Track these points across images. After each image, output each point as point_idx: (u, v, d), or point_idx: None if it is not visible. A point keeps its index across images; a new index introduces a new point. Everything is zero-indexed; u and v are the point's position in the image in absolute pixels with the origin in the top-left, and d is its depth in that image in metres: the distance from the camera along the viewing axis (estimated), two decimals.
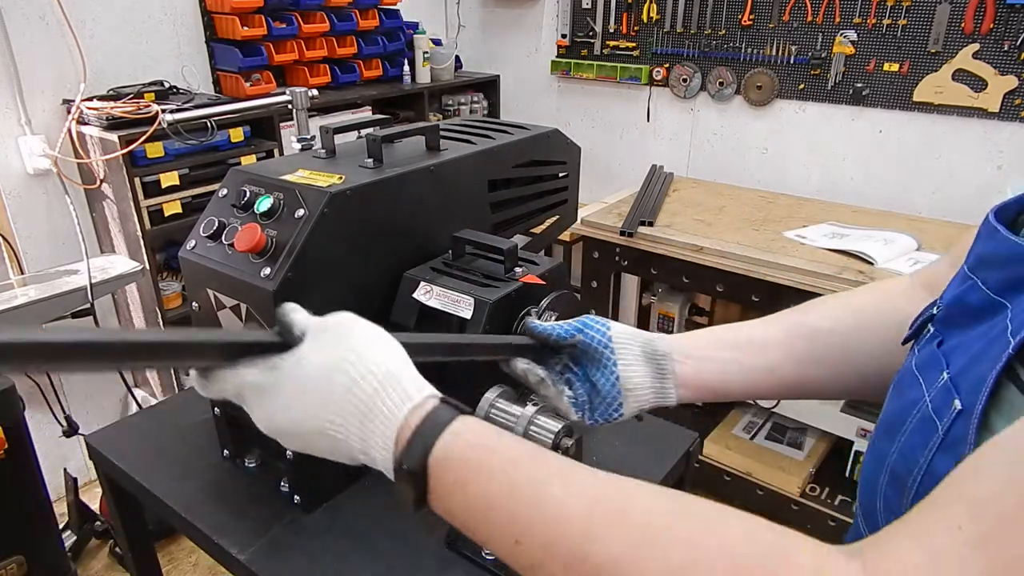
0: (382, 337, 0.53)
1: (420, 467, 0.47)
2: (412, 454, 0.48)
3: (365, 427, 0.49)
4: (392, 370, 0.50)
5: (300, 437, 0.52)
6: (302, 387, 0.50)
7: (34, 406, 2.22)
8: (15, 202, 2.19)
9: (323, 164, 0.98)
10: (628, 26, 2.94)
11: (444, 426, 0.48)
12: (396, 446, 0.48)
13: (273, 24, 2.43)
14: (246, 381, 0.51)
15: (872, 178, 2.57)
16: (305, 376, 0.50)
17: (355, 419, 0.49)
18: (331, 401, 0.49)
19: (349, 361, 0.50)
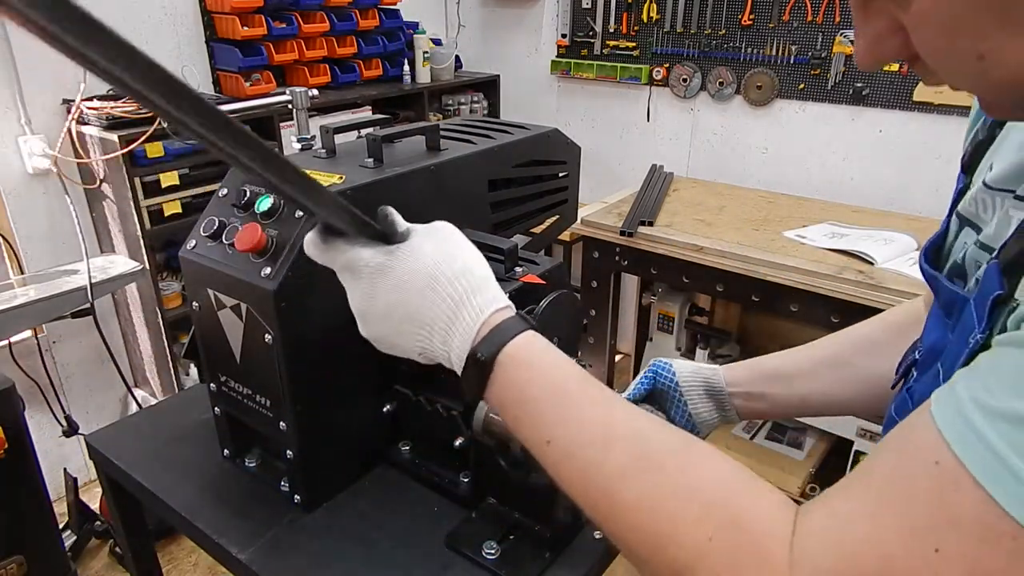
0: (476, 249, 0.61)
1: (491, 359, 0.55)
2: (488, 347, 0.55)
3: (455, 316, 0.56)
4: (486, 275, 0.58)
5: (390, 321, 0.59)
6: (412, 273, 0.57)
7: (34, 406, 2.22)
8: (15, 202, 2.19)
9: (323, 164, 0.98)
10: (628, 26, 2.94)
11: (519, 332, 0.56)
12: (476, 337, 0.56)
13: (273, 24, 2.43)
14: (362, 257, 0.59)
15: (872, 178, 2.57)
16: (418, 263, 0.57)
17: (448, 309, 0.56)
18: (433, 288, 0.56)
19: (455, 258, 0.58)
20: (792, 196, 2.62)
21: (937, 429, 0.37)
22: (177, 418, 1.17)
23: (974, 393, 0.36)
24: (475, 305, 0.56)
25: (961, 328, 0.47)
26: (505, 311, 0.57)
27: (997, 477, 0.33)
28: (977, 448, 0.34)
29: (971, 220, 0.53)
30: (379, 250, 0.59)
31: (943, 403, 0.38)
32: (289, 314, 0.84)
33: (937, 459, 0.36)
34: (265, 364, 0.88)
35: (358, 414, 0.99)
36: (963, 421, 0.36)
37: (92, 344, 2.39)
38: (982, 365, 0.37)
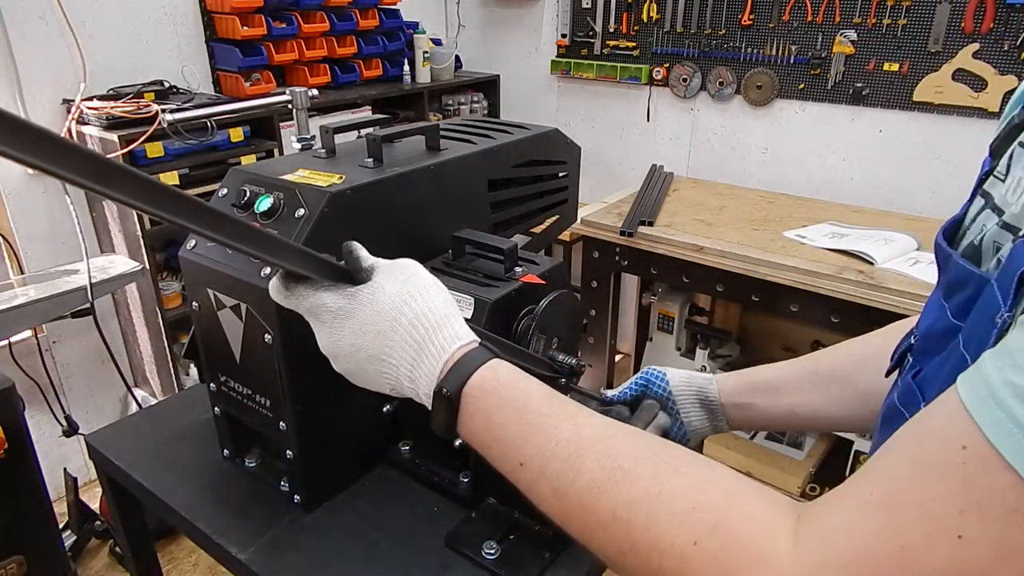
0: (439, 285, 0.62)
1: (456, 393, 0.56)
2: (452, 381, 0.56)
3: (419, 355, 0.58)
4: (448, 312, 0.59)
5: (356, 361, 0.61)
6: (375, 316, 0.58)
7: (34, 406, 2.22)
8: (15, 202, 2.19)
9: (323, 164, 0.98)
10: (628, 26, 2.94)
11: (482, 363, 0.57)
12: (440, 375, 0.57)
13: (273, 24, 2.43)
14: (325, 303, 0.60)
15: (872, 178, 2.57)
16: (379, 306, 0.58)
17: (411, 348, 0.58)
18: (395, 330, 0.58)
19: (415, 299, 0.58)
20: (792, 196, 2.62)
21: (967, 413, 0.36)
22: (177, 418, 1.17)
23: (1005, 374, 0.35)
24: (437, 344, 0.58)
25: (982, 309, 0.45)
26: (468, 345, 0.58)
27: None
28: (1010, 429, 0.34)
29: (996, 202, 0.52)
30: (341, 293, 0.60)
31: (972, 385, 0.37)
32: (289, 314, 0.83)
33: (965, 443, 0.35)
34: (265, 364, 0.88)
35: (358, 414, 0.99)
36: (995, 403, 0.35)
37: (92, 344, 2.39)
38: (1011, 344, 0.36)
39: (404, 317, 0.58)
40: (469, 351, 0.58)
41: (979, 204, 0.53)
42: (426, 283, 0.61)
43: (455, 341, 0.58)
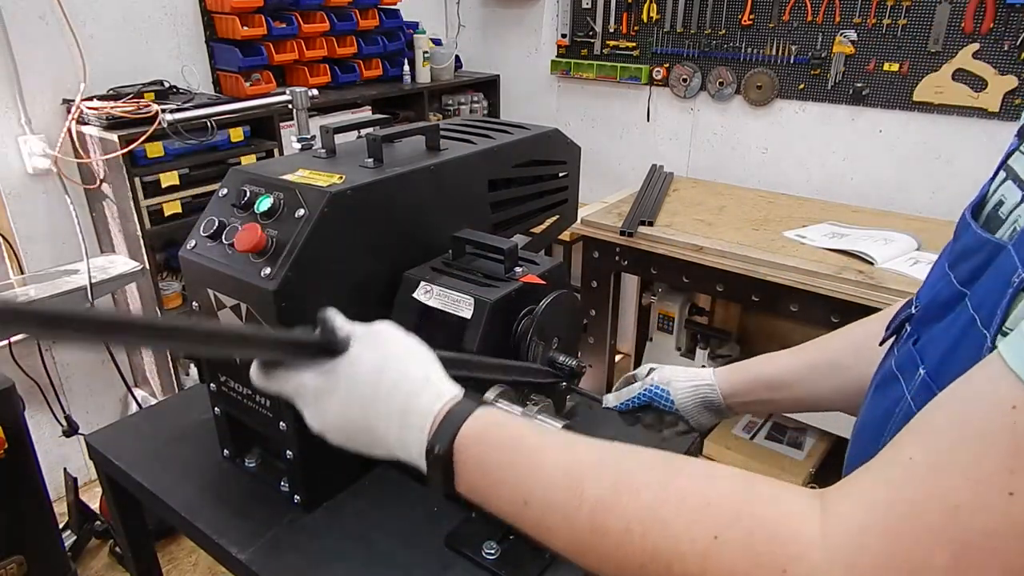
0: (417, 344, 0.62)
1: (447, 449, 0.55)
2: (441, 439, 0.56)
3: (405, 421, 0.58)
4: (427, 373, 0.59)
5: (346, 433, 0.61)
6: (354, 389, 0.58)
7: (34, 406, 2.22)
8: (15, 202, 2.19)
9: (323, 164, 0.98)
10: (628, 26, 2.94)
11: (468, 414, 0.56)
12: (429, 435, 0.56)
13: (273, 24, 2.43)
14: (304, 384, 0.60)
15: (872, 178, 2.57)
16: (357, 379, 0.58)
17: (397, 415, 0.58)
18: (378, 400, 0.58)
19: (392, 367, 0.58)
20: (792, 196, 2.62)
21: (1014, 374, 0.36)
22: (177, 418, 1.17)
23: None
24: (421, 408, 0.57)
25: (996, 272, 0.46)
26: (452, 401, 0.58)
27: None
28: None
29: (1020, 176, 0.52)
30: (320, 371, 0.59)
31: (1015, 348, 0.37)
32: (289, 314, 0.84)
33: (1015, 404, 0.36)
34: None
35: None
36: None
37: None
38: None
39: (384, 387, 0.58)
40: (453, 407, 0.57)
41: (1001, 178, 0.54)
42: (402, 347, 0.61)
43: (437, 401, 0.57)
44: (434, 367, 0.60)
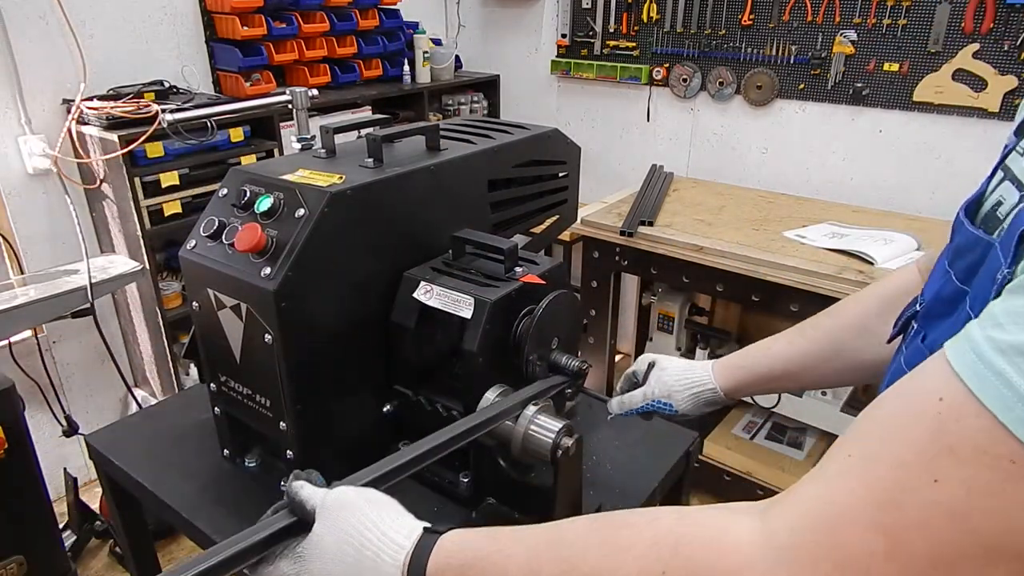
0: (372, 502, 0.63)
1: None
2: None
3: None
4: (384, 531, 0.60)
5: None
6: (324, 566, 0.61)
7: (34, 406, 2.22)
8: (15, 202, 2.19)
9: (323, 164, 0.98)
10: (628, 26, 2.93)
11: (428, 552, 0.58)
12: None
13: (273, 24, 2.43)
14: (283, 572, 0.62)
15: (872, 178, 2.57)
16: (324, 556, 0.61)
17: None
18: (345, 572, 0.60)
19: (351, 536, 0.60)
20: (792, 196, 2.62)
21: (950, 367, 0.38)
22: (177, 418, 1.17)
23: (987, 332, 0.37)
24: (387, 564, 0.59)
25: (986, 270, 0.47)
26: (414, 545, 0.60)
27: (1007, 402, 0.35)
28: (987, 377, 0.36)
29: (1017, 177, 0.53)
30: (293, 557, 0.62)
31: (957, 345, 0.39)
32: (289, 314, 0.84)
33: (942, 395, 0.38)
34: (265, 364, 0.88)
35: (358, 414, 0.99)
36: (976, 356, 0.37)
37: (92, 344, 2.38)
38: (995, 310, 0.39)
39: (348, 557, 0.60)
40: (415, 550, 0.59)
41: (999, 178, 0.55)
42: (358, 511, 0.62)
43: (400, 553, 0.59)
44: (389, 520, 0.61)
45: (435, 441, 0.74)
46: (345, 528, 0.61)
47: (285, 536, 0.63)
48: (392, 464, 0.71)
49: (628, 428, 1.15)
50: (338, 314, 0.91)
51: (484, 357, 0.88)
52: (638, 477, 1.04)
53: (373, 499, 0.64)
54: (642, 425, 1.16)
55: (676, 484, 1.11)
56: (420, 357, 0.98)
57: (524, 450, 0.82)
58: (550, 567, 0.52)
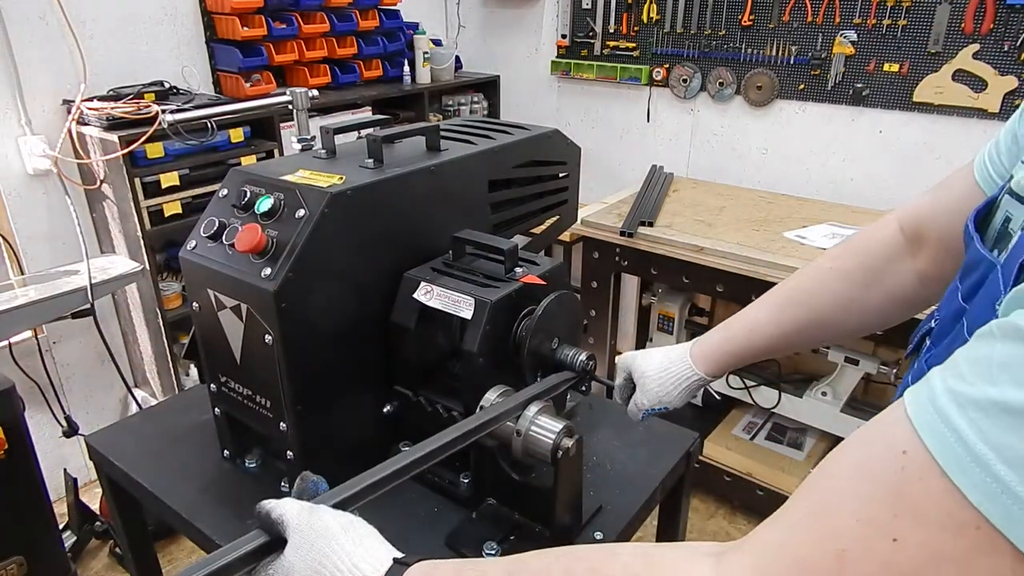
0: (347, 529, 0.62)
1: None
2: None
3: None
4: (355, 560, 0.59)
5: None
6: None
7: (34, 406, 2.22)
8: (15, 202, 2.19)
9: (323, 164, 0.98)
10: (628, 26, 2.94)
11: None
12: None
13: (273, 24, 2.43)
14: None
15: (872, 178, 2.57)
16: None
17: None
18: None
19: (323, 565, 0.59)
20: (792, 197, 2.62)
21: (908, 419, 0.36)
22: (177, 418, 1.17)
23: (948, 383, 0.35)
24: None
25: (985, 293, 0.45)
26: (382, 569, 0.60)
27: (964, 467, 0.32)
28: (945, 436, 0.34)
29: (1016, 191, 0.52)
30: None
31: (917, 394, 0.37)
32: (289, 314, 0.84)
33: (905, 448, 0.35)
34: (265, 364, 0.88)
35: (358, 414, 0.99)
36: (934, 410, 0.35)
37: (92, 344, 2.38)
38: (958, 357, 0.37)
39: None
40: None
41: (1006, 189, 0.54)
42: (330, 537, 0.61)
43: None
44: (361, 552, 0.60)
45: (433, 445, 0.74)
46: (317, 556, 0.60)
47: (258, 554, 0.62)
48: (390, 468, 0.70)
49: (628, 428, 1.15)
50: (338, 315, 0.91)
51: (484, 357, 0.88)
52: (638, 477, 1.04)
53: (349, 526, 0.62)
54: (642, 425, 1.16)
55: (676, 484, 1.11)
56: (420, 358, 0.98)
57: (525, 451, 0.82)
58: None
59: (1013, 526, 0.31)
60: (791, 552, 0.39)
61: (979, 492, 0.32)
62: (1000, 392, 0.32)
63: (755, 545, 0.42)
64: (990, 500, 0.31)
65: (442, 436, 0.74)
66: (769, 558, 0.40)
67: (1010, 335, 0.34)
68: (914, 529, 0.34)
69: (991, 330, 0.36)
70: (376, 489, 0.69)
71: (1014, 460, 0.31)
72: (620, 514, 0.96)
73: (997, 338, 0.35)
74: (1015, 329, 0.34)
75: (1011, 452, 0.31)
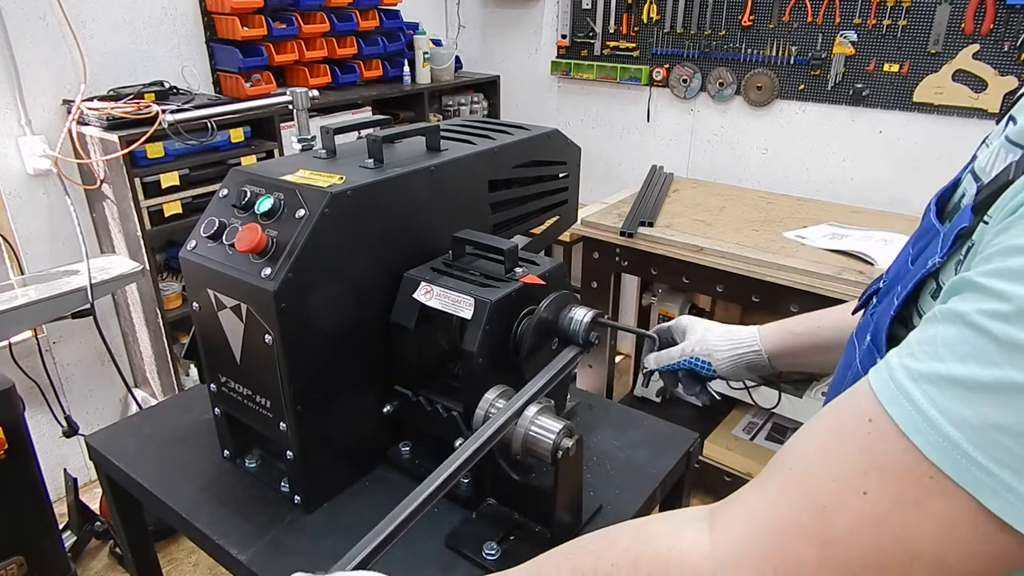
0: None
1: None
2: None
3: None
4: None
5: None
6: None
7: (34, 406, 2.22)
8: (15, 202, 2.19)
9: (323, 164, 0.98)
10: (628, 26, 2.94)
11: None
12: None
13: (273, 24, 2.43)
14: None
15: (872, 178, 2.57)
16: None
17: None
18: None
19: None
20: (792, 197, 2.62)
21: (873, 392, 0.42)
22: (177, 418, 1.17)
23: (903, 361, 0.42)
24: None
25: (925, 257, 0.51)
26: None
27: (920, 429, 0.39)
28: (904, 405, 0.40)
29: (974, 169, 0.55)
30: None
31: (878, 371, 0.43)
32: (289, 314, 0.84)
33: (871, 417, 0.41)
34: (265, 364, 0.88)
35: (358, 415, 0.99)
36: (894, 384, 0.41)
37: (92, 344, 2.39)
38: (911, 338, 0.43)
39: None
40: None
41: (969, 168, 0.57)
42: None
43: None
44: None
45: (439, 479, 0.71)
46: None
47: None
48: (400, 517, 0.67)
49: (628, 428, 1.15)
50: (338, 315, 0.91)
51: (484, 358, 0.88)
52: (638, 477, 1.04)
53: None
54: (642, 425, 1.16)
55: (676, 484, 1.11)
56: (420, 358, 0.98)
57: (525, 451, 0.82)
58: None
59: (962, 475, 0.37)
60: (779, 512, 0.44)
61: (934, 449, 0.38)
62: (946, 368, 0.39)
63: (741, 509, 0.47)
64: (942, 455, 0.38)
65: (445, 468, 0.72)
66: (759, 519, 0.45)
67: (950, 319, 0.40)
68: (881, 482, 0.40)
69: (935, 314, 0.42)
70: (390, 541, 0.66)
71: (960, 422, 0.37)
72: (620, 514, 0.96)
73: (940, 321, 0.41)
74: (954, 314, 0.40)
75: (957, 415, 0.37)
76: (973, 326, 0.38)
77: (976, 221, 0.46)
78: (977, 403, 0.37)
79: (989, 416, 0.36)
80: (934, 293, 0.50)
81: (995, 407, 0.36)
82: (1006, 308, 0.37)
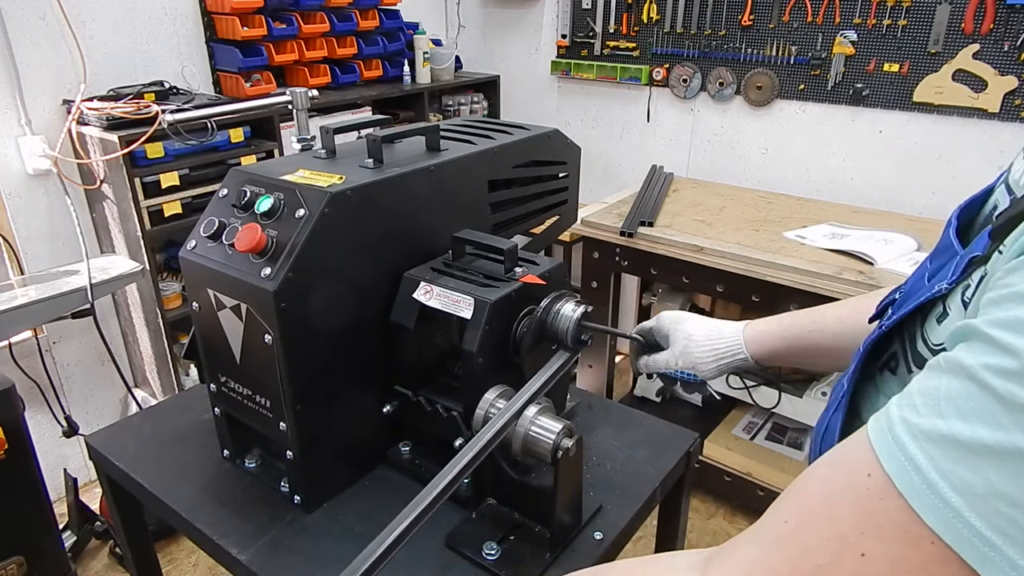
0: None
1: None
2: None
3: None
4: None
5: None
6: None
7: (34, 406, 2.22)
8: (15, 202, 2.19)
9: (323, 164, 0.98)
10: (628, 26, 2.94)
11: None
12: None
13: (273, 24, 2.43)
14: None
15: (872, 178, 2.57)
16: None
17: None
18: None
19: None
20: (792, 196, 2.62)
21: (871, 445, 0.40)
22: (177, 418, 1.17)
23: (904, 413, 0.39)
24: None
25: (939, 277, 0.49)
26: None
27: (919, 492, 0.37)
28: (902, 463, 0.38)
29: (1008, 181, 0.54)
30: None
31: (877, 422, 0.41)
32: (289, 314, 0.84)
33: (869, 472, 0.39)
34: (265, 364, 0.88)
35: (358, 414, 0.99)
36: (892, 438, 0.39)
37: (92, 344, 2.39)
38: (912, 387, 0.41)
39: None
40: None
41: (1001, 179, 0.55)
42: None
43: None
44: None
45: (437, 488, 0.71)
46: None
47: None
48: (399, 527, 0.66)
49: (628, 428, 1.15)
50: (338, 314, 0.91)
51: (484, 357, 0.88)
52: (638, 477, 1.04)
53: None
54: (642, 425, 1.16)
55: (676, 484, 1.11)
56: (420, 358, 0.98)
57: (524, 451, 0.82)
58: None
59: (963, 546, 0.35)
60: (772, 568, 0.42)
61: (933, 515, 0.36)
62: (948, 425, 0.36)
63: (736, 561, 0.46)
64: (942, 522, 0.36)
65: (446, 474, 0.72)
66: (753, 574, 0.44)
67: (954, 370, 0.38)
68: (879, 544, 0.38)
69: (939, 363, 0.40)
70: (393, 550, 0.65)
71: (961, 487, 0.35)
72: (620, 514, 0.96)
73: (944, 371, 0.39)
74: (958, 365, 0.38)
75: (958, 480, 0.35)
76: (978, 382, 0.36)
77: (992, 249, 0.43)
78: (981, 468, 0.35)
79: (993, 483, 0.34)
80: (940, 317, 0.49)
81: (999, 474, 0.34)
82: (1012, 365, 0.35)
